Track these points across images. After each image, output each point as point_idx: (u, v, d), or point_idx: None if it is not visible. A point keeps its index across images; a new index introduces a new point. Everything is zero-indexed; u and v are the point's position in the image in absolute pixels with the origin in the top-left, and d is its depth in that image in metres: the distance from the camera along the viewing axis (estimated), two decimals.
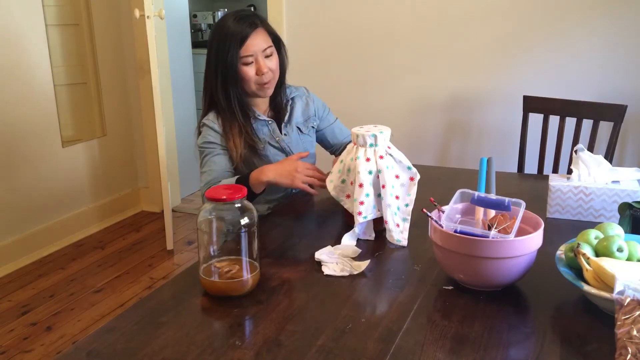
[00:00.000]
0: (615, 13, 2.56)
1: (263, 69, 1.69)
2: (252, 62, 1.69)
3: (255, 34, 1.68)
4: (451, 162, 2.98)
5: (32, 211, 3.21)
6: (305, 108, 1.88)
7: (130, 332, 1.08)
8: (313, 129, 1.90)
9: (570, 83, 2.67)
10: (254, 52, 1.68)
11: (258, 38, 1.69)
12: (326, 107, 1.96)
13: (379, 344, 1.01)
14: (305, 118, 1.87)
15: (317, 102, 1.93)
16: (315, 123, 1.90)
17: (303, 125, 1.86)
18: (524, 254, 1.12)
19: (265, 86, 1.73)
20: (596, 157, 1.55)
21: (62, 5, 3.36)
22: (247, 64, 1.68)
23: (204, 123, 1.75)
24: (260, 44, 1.69)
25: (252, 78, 1.70)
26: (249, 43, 1.67)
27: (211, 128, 1.73)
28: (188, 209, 3.93)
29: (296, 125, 1.84)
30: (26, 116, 3.12)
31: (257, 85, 1.72)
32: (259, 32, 1.69)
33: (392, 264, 1.35)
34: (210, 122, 1.74)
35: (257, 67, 1.69)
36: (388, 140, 1.46)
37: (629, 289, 0.95)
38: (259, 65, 1.69)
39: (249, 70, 1.69)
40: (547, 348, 0.99)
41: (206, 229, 1.20)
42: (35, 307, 2.72)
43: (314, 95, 1.94)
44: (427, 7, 2.85)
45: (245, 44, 1.67)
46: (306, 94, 1.91)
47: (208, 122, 1.74)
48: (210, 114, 1.75)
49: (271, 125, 1.80)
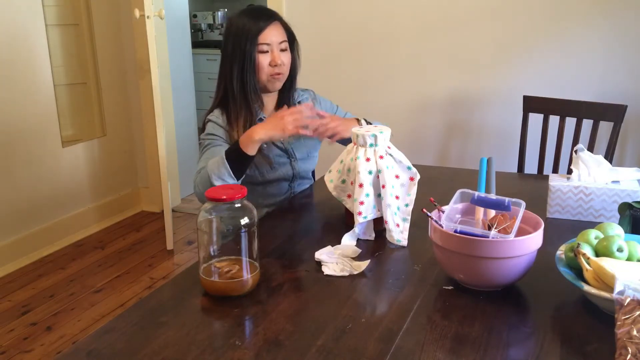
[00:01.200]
0: (615, 13, 2.56)
1: (277, 59, 1.71)
2: (267, 51, 1.70)
3: (273, 26, 1.71)
4: (451, 162, 2.98)
5: (32, 211, 3.21)
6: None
7: (130, 332, 1.07)
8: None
9: (570, 83, 2.67)
10: (271, 41, 1.70)
11: (276, 30, 1.71)
12: (334, 105, 1.96)
13: (379, 344, 1.01)
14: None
15: (325, 103, 1.93)
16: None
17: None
18: (524, 254, 1.12)
19: (276, 77, 1.73)
20: (596, 157, 1.55)
21: (62, 5, 3.36)
22: (263, 51, 1.70)
23: (209, 119, 1.75)
24: (278, 36, 1.71)
25: (265, 67, 1.71)
26: (267, 32, 1.69)
27: (215, 123, 1.73)
28: (188, 209, 3.93)
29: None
30: (26, 116, 3.12)
31: (268, 76, 1.73)
32: (276, 24, 1.72)
33: (392, 264, 1.35)
34: (215, 118, 1.74)
35: (272, 57, 1.71)
36: (388, 140, 1.46)
37: (629, 289, 0.95)
38: (274, 56, 1.71)
39: (264, 59, 1.70)
40: (547, 348, 0.99)
41: (206, 229, 1.20)
42: (35, 307, 2.72)
43: (321, 97, 1.94)
44: (427, 7, 2.85)
45: (264, 32, 1.69)
46: (313, 97, 1.92)
47: (212, 118, 1.74)
48: (215, 110, 1.76)
49: None
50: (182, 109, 4.07)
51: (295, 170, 1.83)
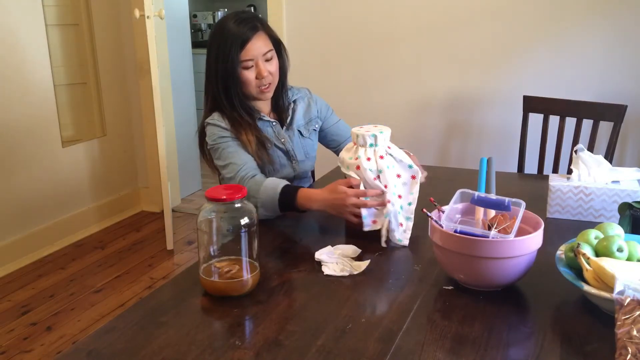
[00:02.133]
0: (615, 13, 2.56)
1: (263, 72, 1.68)
2: (252, 66, 1.67)
3: (256, 38, 1.66)
4: (451, 162, 2.98)
5: (32, 211, 3.21)
6: (307, 110, 1.87)
7: (130, 332, 1.08)
8: (315, 131, 1.89)
9: (570, 83, 2.67)
10: (254, 56, 1.66)
11: (259, 42, 1.67)
12: (329, 107, 1.95)
13: (379, 344, 1.01)
14: (307, 120, 1.86)
15: (320, 103, 1.92)
16: (317, 125, 1.89)
17: (304, 128, 1.85)
18: (524, 254, 1.12)
19: (264, 89, 1.72)
20: (596, 157, 1.55)
21: (62, 5, 3.36)
22: (247, 67, 1.67)
23: (208, 123, 1.72)
24: (261, 47, 1.67)
25: (252, 82, 1.69)
26: (249, 47, 1.65)
27: (218, 126, 1.70)
28: (188, 209, 3.93)
29: (297, 128, 1.83)
30: (26, 116, 3.12)
31: (257, 89, 1.71)
32: (259, 36, 1.68)
33: (392, 264, 1.35)
34: (216, 121, 1.71)
35: (257, 71, 1.68)
36: (388, 140, 1.46)
37: (629, 289, 0.95)
38: (259, 69, 1.68)
39: (249, 74, 1.68)
40: (547, 348, 0.99)
41: (206, 229, 1.20)
42: (35, 307, 2.72)
43: (316, 96, 1.93)
44: (427, 7, 2.85)
45: (246, 47, 1.65)
46: (308, 95, 1.90)
47: (213, 122, 1.71)
48: (214, 114, 1.72)
49: (275, 127, 1.79)
50: (182, 109, 4.06)
51: (296, 171, 1.83)
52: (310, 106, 1.88)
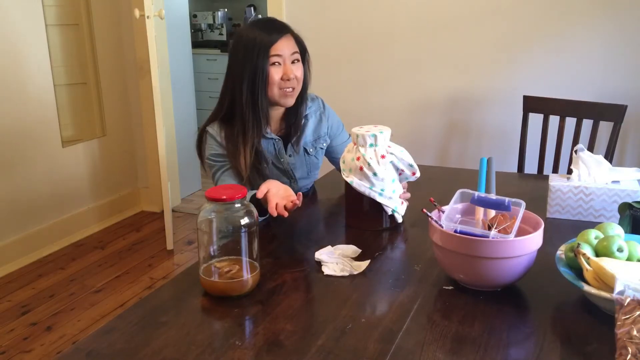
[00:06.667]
0: (615, 13, 2.56)
1: (289, 73, 1.64)
2: (279, 64, 1.64)
3: (285, 38, 1.65)
4: (451, 162, 2.98)
5: (32, 211, 3.21)
6: (317, 126, 1.82)
7: (130, 332, 1.08)
8: (322, 150, 1.85)
9: (570, 83, 2.67)
10: (282, 52, 1.64)
11: (288, 41, 1.66)
12: (340, 123, 1.91)
13: (379, 344, 1.01)
14: (315, 137, 1.82)
15: (332, 119, 1.87)
16: (325, 144, 1.85)
17: (311, 146, 1.81)
18: (524, 254, 1.12)
19: (288, 93, 1.67)
20: (596, 157, 1.55)
21: (62, 5, 3.36)
22: (274, 63, 1.64)
23: (207, 131, 1.70)
24: (290, 46, 1.66)
25: (276, 82, 1.64)
26: (279, 44, 1.63)
27: (214, 139, 1.68)
28: (188, 209, 3.93)
29: (304, 146, 1.79)
30: (26, 116, 3.12)
31: (280, 90, 1.66)
32: (288, 37, 1.67)
33: (392, 264, 1.35)
34: (214, 133, 1.69)
35: (284, 71, 1.64)
36: (388, 140, 1.46)
37: (629, 289, 0.95)
38: (286, 69, 1.64)
39: (276, 73, 1.64)
40: (547, 348, 0.99)
41: (206, 229, 1.20)
42: (35, 307, 2.72)
43: (329, 110, 1.87)
44: (427, 7, 2.85)
45: (275, 44, 1.63)
46: (321, 109, 1.85)
47: (212, 132, 1.69)
48: (214, 124, 1.70)
49: (277, 144, 1.75)
50: (182, 109, 4.06)
51: (294, 188, 1.79)
52: (322, 122, 1.83)
